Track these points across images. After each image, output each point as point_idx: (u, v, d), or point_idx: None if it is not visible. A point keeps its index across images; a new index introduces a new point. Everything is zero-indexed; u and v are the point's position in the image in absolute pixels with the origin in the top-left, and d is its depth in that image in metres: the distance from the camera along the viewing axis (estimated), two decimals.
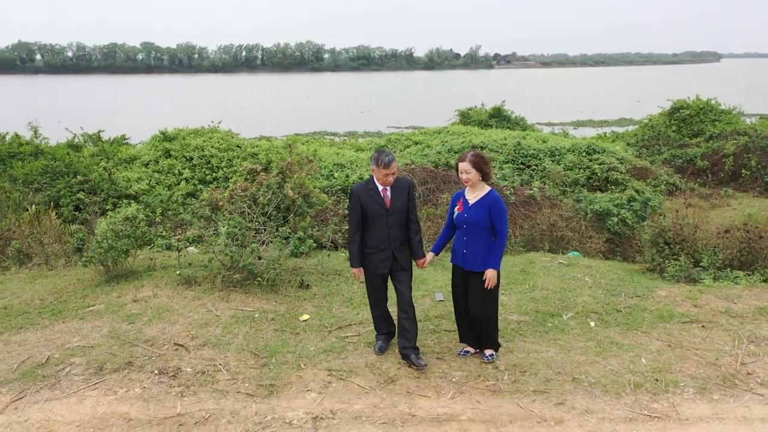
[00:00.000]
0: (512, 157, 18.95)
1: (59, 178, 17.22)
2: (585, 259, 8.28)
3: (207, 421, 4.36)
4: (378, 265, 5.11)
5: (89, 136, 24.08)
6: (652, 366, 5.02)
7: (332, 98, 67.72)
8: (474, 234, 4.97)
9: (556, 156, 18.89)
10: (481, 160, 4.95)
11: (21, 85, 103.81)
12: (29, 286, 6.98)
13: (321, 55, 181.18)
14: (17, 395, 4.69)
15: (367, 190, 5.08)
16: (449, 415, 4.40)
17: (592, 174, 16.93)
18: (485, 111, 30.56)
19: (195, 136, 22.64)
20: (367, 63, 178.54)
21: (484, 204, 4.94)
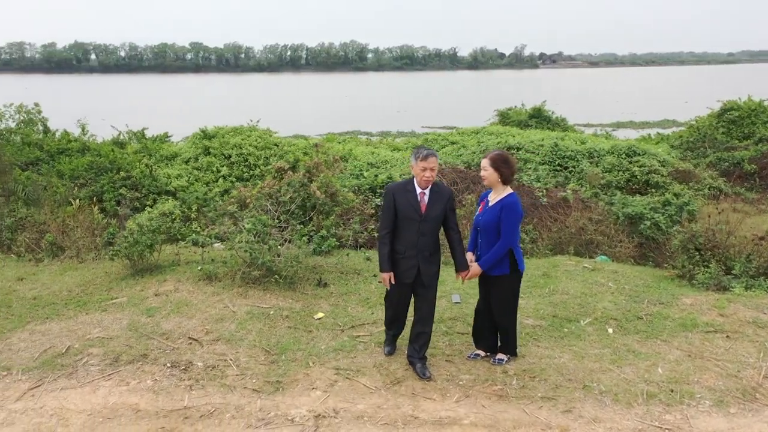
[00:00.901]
0: (549, 159, 18.66)
1: (103, 174, 17.81)
2: (612, 264, 8.07)
3: (212, 415, 4.43)
4: (403, 273, 4.81)
5: (134, 133, 24.83)
6: (668, 376, 4.85)
7: (370, 98, 67.93)
8: (487, 237, 4.88)
9: (594, 158, 18.53)
10: (500, 160, 4.81)
11: (75, 84, 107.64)
12: (59, 278, 7.23)
13: (365, 55, 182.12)
14: (35, 383, 4.86)
15: (405, 190, 4.77)
16: (452, 419, 4.35)
17: (631, 176, 16.54)
18: (525, 111, 30.20)
19: (234, 135, 23.09)
20: (411, 63, 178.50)
21: (497, 207, 4.84)
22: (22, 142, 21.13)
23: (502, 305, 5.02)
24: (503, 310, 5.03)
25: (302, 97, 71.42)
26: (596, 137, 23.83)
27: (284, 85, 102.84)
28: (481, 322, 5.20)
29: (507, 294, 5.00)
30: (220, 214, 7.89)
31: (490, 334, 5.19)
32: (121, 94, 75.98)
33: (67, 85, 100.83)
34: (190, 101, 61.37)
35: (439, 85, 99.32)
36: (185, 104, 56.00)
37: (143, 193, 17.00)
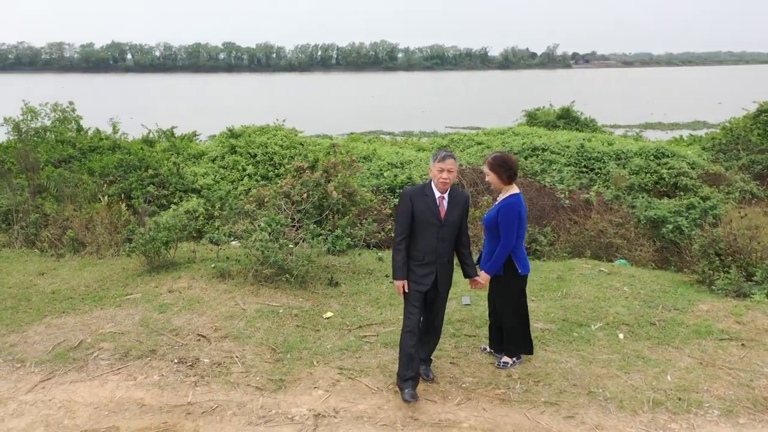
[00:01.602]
0: (575, 160, 18.42)
1: (132, 172, 18.17)
2: (630, 268, 7.92)
3: (214, 412, 4.48)
4: (420, 279, 4.61)
5: (163, 132, 25.29)
6: (677, 384, 4.74)
7: (396, 98, 67.94)
8: (489, 235, 4.95)
9: (621, 159, 18.24)
10: (497, 163, 4.85)
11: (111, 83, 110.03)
12: (78, 273, 7.40)
13: (395, 55, 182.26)
14: (47, 375, 4.99)
15: (422, 195, 4.57)
16: (451, 422, 4.32)
17: (659, 179, 16.22)
18: (553, 112, 29.85)
19: (260, 134, 23.33)
20: (441, 62, 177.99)
21: (498, 207, 4.89)
22: (56, 140, 21.71)
23: (503, 305, 5.04)
24: (504, 310, 5.04)
25: (329, 96, 71.84)
26: (625, 139, 23.43)
27: (313, 85, 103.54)
28: (492, 320, 5.26)
29: (507, 295, 4.99)
30: (234, 213, 7.97)
31: (496, 333, 5.19)
32: (155, 93, 77.42)
33: (103, 84, 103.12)
34: (220, 100, 62.21)
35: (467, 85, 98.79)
36: (215, 103, 56.79)
37: (170, 191, 17.30)
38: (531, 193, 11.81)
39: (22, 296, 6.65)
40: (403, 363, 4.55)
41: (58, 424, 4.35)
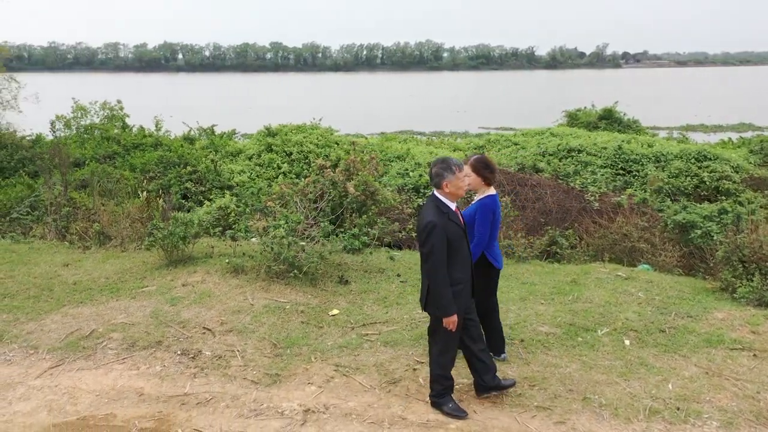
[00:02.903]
0: (611, 162, 18.06)
1: (171, 168, 18.70)
2: (650, 274, 7.70)
3: (208, 403, 4.59)
4: (465, 303, 4.39)
5: (204, 129, 25.89)
6: (678, 393, 4.61)
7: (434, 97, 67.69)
8: (469, 235, 4.90)
9: (661, 162, 17.79)
10: (481, 165, 4.92)
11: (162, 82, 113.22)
12: (100, 265, 7.66)
13: (440, 54, 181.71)
14: (57, 362, 5.20)
15: (445, 217, 4.26)
16: (439, 422, 4.31)
17: (700, 182, 15.77)
18: (595, 112, 29.32)
19: (297, 132, 23.68)
20: (486, 62, 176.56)
21: (473, 207, 4.96)
22: (101, 137, 22.50)
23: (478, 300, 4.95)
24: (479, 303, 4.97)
25: (368, 96, 72.20)
26: (667, 141, 22.79)
27: (355, 85, 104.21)
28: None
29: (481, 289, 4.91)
30: (252, 210, 8.11)
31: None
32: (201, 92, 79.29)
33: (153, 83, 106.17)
34: (263, 99, 63.20)
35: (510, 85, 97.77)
36: (259, 102, 57.74)
37: (207, 187, 17.74)
38: (558, 195, 11.64)
39: (45, 286, 6.93)
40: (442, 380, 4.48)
41: (60, 409, 4.53)
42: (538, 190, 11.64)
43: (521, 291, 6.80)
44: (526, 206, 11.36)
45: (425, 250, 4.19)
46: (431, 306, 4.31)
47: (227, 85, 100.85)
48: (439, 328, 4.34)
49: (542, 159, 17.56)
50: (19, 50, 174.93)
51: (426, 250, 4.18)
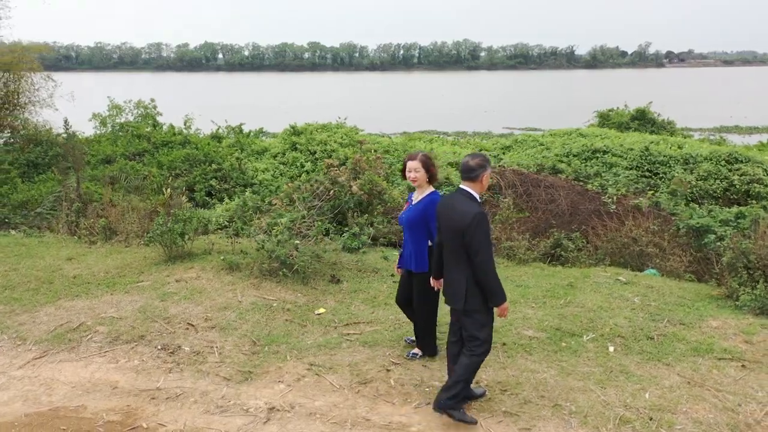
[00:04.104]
0: (637, 163, 17.64)
1: (197, 166, 19.03)
2: (653, 279, 7.47)
3: (177, 398, 4.63)
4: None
5: (232, 128, 26.27)
6: (654, 402, 4.45)
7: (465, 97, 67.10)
8: (410, 235, 4.98)
9: (689, 164, 17.30)
10: (429, 161, 4.92)
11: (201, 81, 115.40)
12: (102, 260, 7.83)
13: (477, 54, 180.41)
14: (41, 354, 5.33)
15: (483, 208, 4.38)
16: (401, 425, 4.26)
17: (729, 185, 15.26)
18: (627, 113, 28.68)
19: (321, 131, 23.82)
20: (525, 61, 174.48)
21: (421, 205, 4.92)
22: (132, 135, 23.04)
23: (420, 301, 5.06)
24: (421, 305, 5.07)
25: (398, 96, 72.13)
26: (701, 142, 22.13)
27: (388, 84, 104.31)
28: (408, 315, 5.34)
29: (425, 290, 4.98)
30: (250, 208, 8.18)
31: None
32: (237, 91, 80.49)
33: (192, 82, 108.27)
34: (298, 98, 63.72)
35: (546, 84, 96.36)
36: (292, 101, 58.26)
37: (231, 185, 17.99)
38: (572, 197, 11.39)
39: (46, 279, 7.12)
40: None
41: (35, 399, 4.64)
42: (551, 192, 11.41)
43: (513, 294, 6.67)
44: (539, 208, 11.16)
45: (475, 242, 4.06)
46: (492, 299, 4.25)
47: (264, 84, 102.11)
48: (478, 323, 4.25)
49: (566, 159, 17.26)
50: (67, 50, 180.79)
51: (476, 242, 4.06)
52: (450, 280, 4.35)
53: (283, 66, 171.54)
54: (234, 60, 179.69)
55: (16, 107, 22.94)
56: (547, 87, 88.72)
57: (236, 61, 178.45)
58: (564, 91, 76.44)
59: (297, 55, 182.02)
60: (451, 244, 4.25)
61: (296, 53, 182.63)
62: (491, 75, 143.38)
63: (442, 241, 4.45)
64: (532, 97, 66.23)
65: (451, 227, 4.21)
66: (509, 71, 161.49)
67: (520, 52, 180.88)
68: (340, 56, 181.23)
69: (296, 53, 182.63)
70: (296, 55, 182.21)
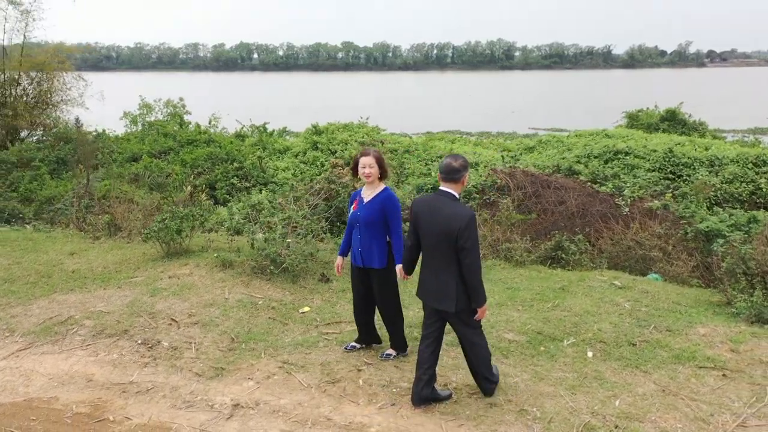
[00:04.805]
0: (660, 165, 17.28)
1: (219, 164, 19.32)
2: (651, 284, 7.27)
3: (147, 393, 4.70)
4: None
5: (256, 127, 26.58)
6: (623, 410, 4.34)
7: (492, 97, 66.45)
8: (368, 232, 4.93)
9: (715, 166, 16.86)
10: (382, 158, 4.95)
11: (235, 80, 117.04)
12: (102, 255, 8.01)
13: (511, 53, 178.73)
14: (26, 345, 5.48)
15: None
16: (361, 425, 4.24)
17: (756, 189, 14.84)
18: (657, 113, 28.05)
19: (343, 131, 23.91)
20: (560, 61, 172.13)
21: (377, 202, 4.90)
22: (158, 133, 23.50)
23: (384, 297, 5.05)
24: (386, 302, 5.06)
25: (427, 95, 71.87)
26: (730, 144, 21.48)
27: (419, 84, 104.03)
28: (358, 315, 5.27)
29: (387, 286, 5.01)
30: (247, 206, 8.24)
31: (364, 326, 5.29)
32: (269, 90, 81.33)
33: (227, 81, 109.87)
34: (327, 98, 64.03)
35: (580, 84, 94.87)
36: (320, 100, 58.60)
37: (251, 183, 18.21)
38: (582, 198, 11.18)
39: (45, 273, 7.31)
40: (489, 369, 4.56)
41: (12, 390, 4.77)
42: (561, 193, 11.23)
43: (501, 296, 6.60)
44: (548, 209, 11.00)
45: (468, 245, 4.09)
46: (475, 300, 4.24)
47: (296, 84, 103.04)
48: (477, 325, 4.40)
49: (585, 161, 16.96)
50: (108, 50, 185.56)
51: (469, 244, 4.09)
52: (438, 282, 4.31)
53: (317, 66, 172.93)
54: (268, 60, 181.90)
55: (48, 106, 23.63)
56: (581, 87, 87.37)
57: (271, 61, 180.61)
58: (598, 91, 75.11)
59: (330, 55, 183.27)
60: (439, 246, 4.23)
61: (330, 53, 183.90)
62: (525, 75, 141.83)
63: (418, 242, 4.45)
64: (564, 97, 65.29)
65: (439, 230, 4.19)
66: (544, 71, 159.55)
67: (555, 52, 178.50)
68: (373, 56, 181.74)
69: (330, 53, 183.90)
70: (330, 55, 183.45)
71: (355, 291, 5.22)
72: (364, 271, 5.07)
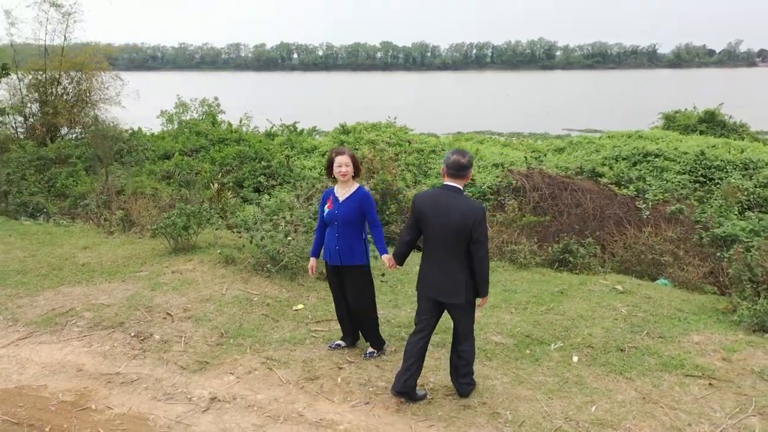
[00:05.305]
0: (690, 168, 16.82)
1: (247, 163, 19.65)
2: (654, 289, 7.07)
3: (131, 384, 4.83)
4: None
5: (286, 126, 26.90)
6: (598, 416, 4.26)
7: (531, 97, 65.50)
8: (346, 230, 4.97)
9: (749, 169, 16.34)
10: (356, 157, 5.00)
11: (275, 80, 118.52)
12: (113, 250, 8.24)
13: (552, 53, 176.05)
14: (26, 335, 5.69)
15: None
16: (331, 422, 4.28)
17: None
18: (696, 114, 27.26)
19: (370, 130, 23.99)
20: (603, 60, 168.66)
21: (355, 200, 4.94)
22: (190, 131, 24.02)
23: (358, 295, 5.07)
24: (360, 300, 5.08)
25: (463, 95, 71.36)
26: None
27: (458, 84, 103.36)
28: (339, 312, 5.32)
29: (362, 283, 5.06)
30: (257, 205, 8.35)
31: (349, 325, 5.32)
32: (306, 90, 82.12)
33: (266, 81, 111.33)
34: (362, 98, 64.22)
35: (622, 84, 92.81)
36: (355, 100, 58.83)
37: (278, 181, 18.46)
38: (599, 201, 10.98)
39: (57, 266, 7.57)
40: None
41: (6, 377, 4.96)
42: (577, 196, 11.04)
43: (497, 298, 6.54)
44: (563, 211, 10.84)
45: (482, 238, 4.22)
46: (484, 290, 4.37)
47: (335, 83, 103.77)
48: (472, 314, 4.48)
49: (610, 163, 16.62)
50: (153, 51, 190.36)
51: (482, 237, 4.23)
52: (447, 276, 4.35)
53: (356, 65, 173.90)
54: (308, 60, 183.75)
55: (87, 104, 24.39)
56: (624, 87, 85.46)
57: (310, 61, 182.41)
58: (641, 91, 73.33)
59: (369, 55, 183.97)
60: (449, 240, 4.28)
61: (369, 53, 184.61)
62: (566, 75, 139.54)
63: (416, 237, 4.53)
64: (605, 97, 64.01)
65: (452, 224, 4.24)
66: (586, 71, 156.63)
67: (598, 51, 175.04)
68: (412, 56, 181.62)
69: (369, 53, 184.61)
70: (368, 54, 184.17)
71: (333, 289, 5.27)
72: (339, 269, 5.09)
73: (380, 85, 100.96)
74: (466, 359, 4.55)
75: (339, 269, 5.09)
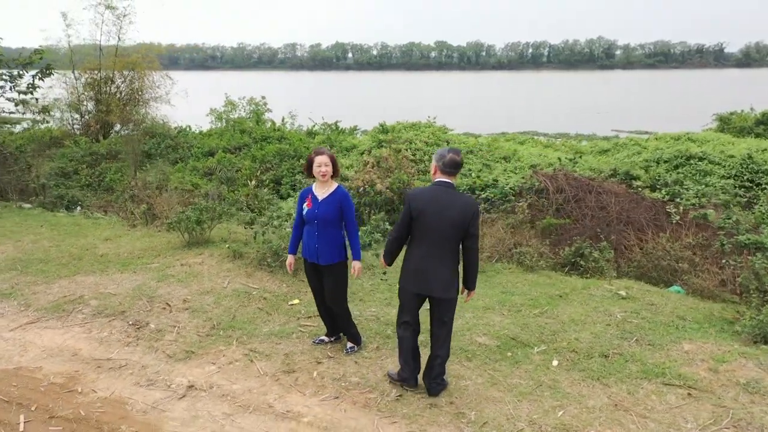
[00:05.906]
0: (736, 172, 16.13)
1: (286, 160, 20.03)
2: (657, 296, 6.84)
3: (119, 369, 5.06)
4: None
5: (328, 125, 27.25)
6: (564, 421, 4.20)
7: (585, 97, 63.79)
8: (325, 229, 5.03)
9: None
10: (334, 157, 5.11)
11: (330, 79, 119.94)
12: (133, 242, 8.59)
13: (612, 52, 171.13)
14: (34, 319, 6.02)
15: None
16: (296, 414, 4.37)
17: None
18: (753, 116, 26.05)
19: (409, 130, 24.03)
20: (665, 60, 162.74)
21: (334, 199, 5.02)
22: (234, 129, 24.65)
23: (335, 292, 5.16)
24: (336, 297, 5.17)
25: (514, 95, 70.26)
26: None
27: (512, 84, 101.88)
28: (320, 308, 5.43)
29: (340, 280, 5.13)
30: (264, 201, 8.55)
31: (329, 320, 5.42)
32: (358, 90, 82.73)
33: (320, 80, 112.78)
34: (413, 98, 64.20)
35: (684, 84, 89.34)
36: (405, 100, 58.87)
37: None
38: (625, 204, 10.68)
39: (78, 256, 7.96)
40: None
41: (8, 358, 5.28)
42: (602, 199, 10.78)
43: (491, 300, 6.49)
44: (586, 214, 10.60)
45: (477, 231, 4.43)
46: (474, 283, 4.55)
47: (389, 82, 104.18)
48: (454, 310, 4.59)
49: (646, 165, 16.10)
50: (213, 50, 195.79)
51: (477, 231, 4.43)
52: (439, 270, 4.44)
53: (410, 65, 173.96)
54: (363, 59, 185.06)
55: (138, 103, 25.39)
56: (685, 87, 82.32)
57: (365, 61, 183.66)
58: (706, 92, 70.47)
59: (423, 55, 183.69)
60: (446, 235, 4.38)
61: (423, 52, 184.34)
62: (626, 74, 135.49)
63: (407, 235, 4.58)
64: (662, 97, 61.85)
65: (449, 220, 4.34)
66: (647, 70, 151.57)
67: (661, 50, 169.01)
68: (466, 55, 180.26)
69: (423, 52, 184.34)
70: (423, 54, 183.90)
71: (312, 286, 5.35)
72: (318, 267, 5.18)
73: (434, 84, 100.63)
74: (442, 358, 4.61)
75: (318, 266, 5.16)
